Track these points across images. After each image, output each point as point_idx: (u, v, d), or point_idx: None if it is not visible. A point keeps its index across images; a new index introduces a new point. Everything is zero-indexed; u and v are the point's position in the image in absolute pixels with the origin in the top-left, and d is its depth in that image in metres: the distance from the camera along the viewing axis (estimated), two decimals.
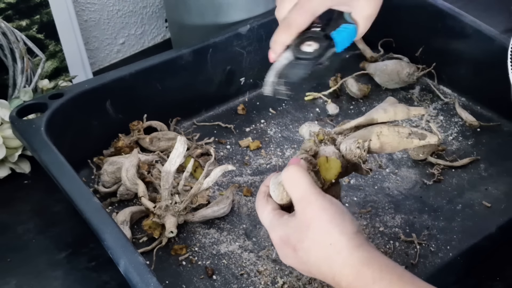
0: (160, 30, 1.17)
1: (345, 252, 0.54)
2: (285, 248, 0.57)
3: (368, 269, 0.53)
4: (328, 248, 0.54)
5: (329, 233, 0.54)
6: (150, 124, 0.88)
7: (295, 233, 0.56)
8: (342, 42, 0.65)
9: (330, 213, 0.55)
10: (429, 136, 0.64)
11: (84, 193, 0.68)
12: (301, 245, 0.55)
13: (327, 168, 0.62)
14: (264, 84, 0.65)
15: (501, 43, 0.87)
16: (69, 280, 0.72)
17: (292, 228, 0.56)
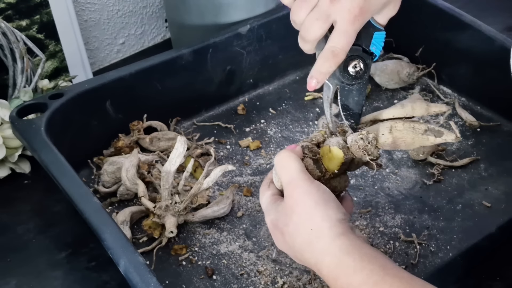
0: (160, 30, 1.17)
1: (326, 239, 0.53)
2: (275, 231, 0.57)
3: (349, 258, 0.52)
4: (309, 233, 0.54)
5: (311, 219, 0.54)
6: (150, 124, 0.88)
7: (281, 216, 0.56)
8: (378, 51, 0.63)
9: (314, 198, 0.55)
10: (446, 133, 0.61)
11: (84, 193, 0.68)
12: (286, 229, 0.55)
13: (329, 158, 0.61)
14: (323, 119, 0.64)
15: (501, 43, 0.88)
16: (69, 280, 0.72)
17: (279, 212, 0.57)
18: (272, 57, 0.99)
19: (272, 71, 1.00)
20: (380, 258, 0.52)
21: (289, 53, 1.00)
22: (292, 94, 0.99)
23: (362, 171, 0.85)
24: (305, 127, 0.93)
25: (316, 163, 0.61)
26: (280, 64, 1.01)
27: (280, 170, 0.58)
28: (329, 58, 0.58)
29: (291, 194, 0.56)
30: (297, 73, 1.03)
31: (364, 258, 0.52)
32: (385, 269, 0.51)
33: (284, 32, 0.98)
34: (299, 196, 0.56)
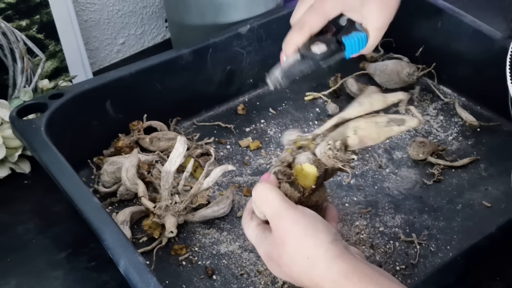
0: (160, 30, 1.17)
1: (323, 265, 0.53)
2: (270, 262, 0.57)
3: (347, 281, 0.52)
4: (305, 262, 0.54)
5: (304, 247, 0.54)
6: (150, 124, 0.88)
7: (274, 249, 0.56)
8: (351, 48, 0.66)
9: (303, 226, 0.55)
10: (409, 120, 0.61)
11: (84, 193, 0.68)
12: (282, 261, 0.55)
13: (304, 175, 0.61)
14: (268, 76, 0.66)
15: (501, 43, 0.87)
16: (69, 280, 0.72)
17: (271, 244, 0.56)
18: (272, 57, 0.98)
19: None
20: (377, 277, 0.52)
21: None
22: (292, 94, 0.99)
23: (362, 171, 0.85)
24: (305, 127, 0.93)
25: (293, 185, 0.61)
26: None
27: (261, 205, 0.58)
28: (296, 30, 0.66)
29: (278, 227, 0.56)
30: None
31: (362, 280, 0.52)
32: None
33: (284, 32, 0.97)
34: (287, 227, 0.55)
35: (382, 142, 0.81)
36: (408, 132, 0.91)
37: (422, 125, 0.62)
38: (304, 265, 0.54)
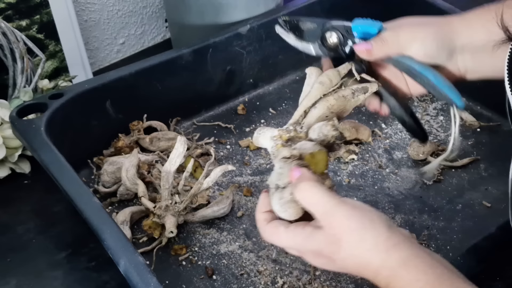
0: (160, 30, 1.17)
1: (383, 254, 0.53)
2: (320, 259, 0.56)
3: (405, 270, 0.52)
4: (365, 254, 0.53)
5: (364, 240, 0.53)
6: (150, 124, 0.88)
7: (327, 246, 0.55)
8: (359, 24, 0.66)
9: (358, 220, 0.54)
10: (370, 86, 0.65)
11: (84, 193, 0.68)
12: (337, 256, 0.54)
13: (316, 162, 0.60)
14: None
15: None
16: (69, 280, 0.72)
17: (322, 242, 0.55)
18: (272, 57, 0.99)
19: (272, 71, 1.00)
20: (436, 267, 0.52)
21: (289, 53, 1.00)
22: (292, 94, 0.99)
23: (362, 171, 0.85)
24: None
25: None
26: (280, 64, 1.01)
27: (309, 206, 0.56)
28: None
29: (331, 225, 0.54)
30: (297, 73, 1.03)
31: (420, 268, 0.52)
32: (440, 279, 0.51)
33: None
34: (342, 223, 0.54)
35: (414, 149, 0.86)
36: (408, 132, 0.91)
37: (380, 85, 0.65)
38: (364, 257, 0.53)
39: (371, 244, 0.53)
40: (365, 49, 0.64)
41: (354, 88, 0.65)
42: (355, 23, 0.66)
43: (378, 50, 0.64)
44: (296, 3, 0.99)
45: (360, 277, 0.70)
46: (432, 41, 0.64)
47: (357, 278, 0.71)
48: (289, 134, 0.63)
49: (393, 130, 0.92)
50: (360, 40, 0.65)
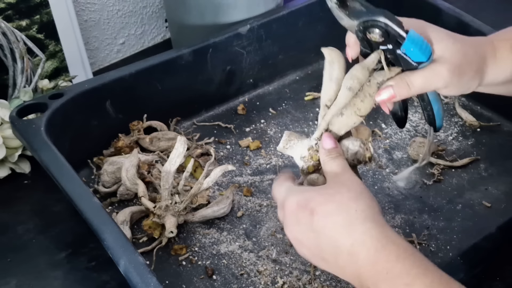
0: (160, 30, 1.17)
1: (370, 223, 0.52)
2: (299, 212, 0.54)
3: (393, 246, 0.51)
4: (352, 213, 0.52)
5: (357, 201, 0.53)
6: (150, 124, 0.88)
7: (319, 196, 0.54)
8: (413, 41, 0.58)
9: (363, 186, 0.55)
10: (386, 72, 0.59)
11: (84, 193, 0.68)
12: (322, 208, 0.53)
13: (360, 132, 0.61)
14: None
15: None
16: (69, 280, 0.72)
17: (316, 192, 0.55)
18: (272, 57, 0.99)
19: (272, 71, 1.00)
20: (420, 255, 0.52)
21: (289, 53, 1.00)
22: (292, 94, 0.99)
23: (361, 171, 0.85)
24: (305, 127, 0.93)
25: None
26: (280, 64, 1.01)
27: (329, 160, 0.57)
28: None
29: (337, 179, 0.56)
30: (297, 73, 1.03)
31: (408, 249, 0.51)
32: (426, 265, 0.51)
33: (284, 32, 0.98)
34: (348, 181, 0.55)
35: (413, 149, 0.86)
36: (408, 132, 0.91)
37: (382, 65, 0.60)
38: (349, 216, 0.52)
39: (361, 208, 0.53)
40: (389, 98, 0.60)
41: (380, 82, 0.59)
42: (408, 43, 0.58)
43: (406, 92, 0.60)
44: (296, 3, 0.99)
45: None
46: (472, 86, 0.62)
47: None
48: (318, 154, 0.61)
49: (393, 130, 0.92)
50: (405, 55, 0.58)
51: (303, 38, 1.01)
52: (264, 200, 0.81)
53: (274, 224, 0.78)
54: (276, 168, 0.85)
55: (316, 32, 1.02)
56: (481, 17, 0.93)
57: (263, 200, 0.81)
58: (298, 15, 0.99)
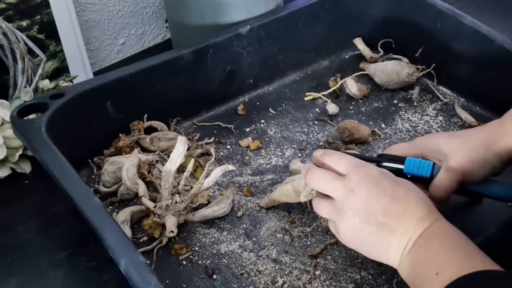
0: (161, 31, 1.17)
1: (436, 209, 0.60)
2: (383, 179, 0.60)
3: (452, 231, 0.57)
4: (424, 197, 0.60)
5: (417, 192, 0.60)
6: (151, 124, 0.88)
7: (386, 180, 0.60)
8: (411, 165, 0.70)
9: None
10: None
11: (84, 192, 0.68)
12: (404, 183, 0.60)
13: None
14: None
15: (500, 43, 0.88)
16: (69, 279, 0.72)
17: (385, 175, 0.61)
18: (272, 57, 0.99)
19: (272, 71, 1.00)
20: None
21: (289, 53, 1.01)
22: (292, 94, 0.99)
23: None
24: (305, 127, 0.93)
25: None
26: (280, 64, 1.01)
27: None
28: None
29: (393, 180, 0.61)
30: (297, 73, 1.03)
31: (464, 237, 0.57)
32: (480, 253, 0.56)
33: (284, 32, 0.98)
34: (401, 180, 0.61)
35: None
36: (407, 132, 0.91)
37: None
38: (425, 197, 0.60)
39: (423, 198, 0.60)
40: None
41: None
42: (406, 167, 0.70)
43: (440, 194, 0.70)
44: (296, 3, 1.00)
45: (360, 277, 0.71)
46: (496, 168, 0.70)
47: (357, 278, 0.71)
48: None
49: (392, 130, 0.92)
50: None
51: (303, 38, 1.01)
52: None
53: (274, 224, 0.78)
54: (276, 168, 0.86)
55: (316, 32, 1.02)
56: (481, 18, 0.93)
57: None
58: (298, 15, 0.99)
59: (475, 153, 0.68)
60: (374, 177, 0.60)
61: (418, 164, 0.69)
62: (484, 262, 0.54)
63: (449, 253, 0.54)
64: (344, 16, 1.04)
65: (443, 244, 0.56)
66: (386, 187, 0.59)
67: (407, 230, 0.57)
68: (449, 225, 0.58)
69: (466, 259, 0.54)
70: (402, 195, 0.58)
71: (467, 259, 0.54)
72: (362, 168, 0.60)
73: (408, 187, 0.60)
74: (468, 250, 0.55)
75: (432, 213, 0.58)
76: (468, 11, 0.95)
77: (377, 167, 0.62)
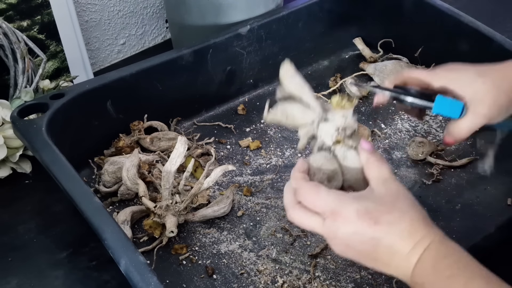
0: (161, 31, 1.17)
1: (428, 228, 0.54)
2: (360, 222, 0.54)
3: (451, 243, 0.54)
4: (415, 220, 0.54)
5: (414, 207, 0.55)
6: (151, 124, 0.88)
7: (380, 205, 0.55)
8: (440, 106, 0.65)
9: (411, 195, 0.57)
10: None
11: (85, 193, 0.68)
12: (387, 217, 0.54)
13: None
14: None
15: (499, 43, 0.88)
16: (70, 279, 0.73)
17: (375, 200, 0.55)
18: (272, 57, 0.99)
19: (272, 71, 1.00)
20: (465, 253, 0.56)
21: (289, 53, 1.00)
22: None
23: None
24: None
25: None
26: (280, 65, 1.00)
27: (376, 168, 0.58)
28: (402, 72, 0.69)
29: (391, 187, 0.56)
30: None
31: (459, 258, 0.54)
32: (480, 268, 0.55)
33: (284, 32, 0.98)
34: (400, 189, 0.56)
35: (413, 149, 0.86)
36: (407, 132, 0.92)
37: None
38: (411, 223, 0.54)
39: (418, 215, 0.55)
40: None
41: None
42: (436, 110, 0.65)
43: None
44: (296, 3, 1.00)
45: (360, 277, 0.71)
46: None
47: (356, 277, 0.71)
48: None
49: (392, 130, 0.92)
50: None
51: (303, 38, 1.01)
52: (264, 199, 0.81)
53: (274, 223, 0.78)
54: (276, 168, 0.86)
55: (316, 32, 1.03)
56: (481, 18, 0.93)
57: (263, 199, 0.81)
58: (298, 15, 0.99)
59: (505, 97, 0.64)
60: (351, 223, 0.54)
61: (449, 105, 0.65)
62: (488, 284, 0.52)
63: (448, 286, 0.52)
64: (344, 16, 1.04)
65: (438, 277, 0.53)
66: (366, 232, 0.54)
67: (399, 267, 0.54)
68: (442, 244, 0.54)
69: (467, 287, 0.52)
70: (384, 234, 0.54)
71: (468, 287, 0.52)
72: (337, 216, 0.55)
73: (392, 217, 0.54)
74: (468, 274, 0.53)
75: (422, 239, 0.53)
76: (468, 11, 0.95)
77: (353, 208, 0.55)
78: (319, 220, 0.56)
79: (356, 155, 0.60)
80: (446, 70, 0.67)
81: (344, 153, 0.60)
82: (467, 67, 0.68)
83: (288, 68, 0.66)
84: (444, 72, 0.67)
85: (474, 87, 0.65)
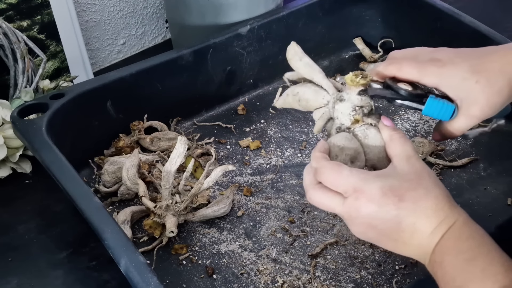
0: (161, 31, 1.17)
1: (453, 207, 0.54)
2: (384, 199, 0.53)
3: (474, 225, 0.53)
4: (440, 198, 0.54)
5: (438, 185, 0.54)
6: (151, 124, 0.89)
7: (405, 182, 0.54)
8: (430, 108, 0.62)
9: (433, 173, 0.56)
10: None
11: (85, 192, 0.68)
12: (412, 194, 0.53)
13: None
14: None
15: (499, 43, 0.88)
16: (70, 279, 0.73)
17: (400, 178, 0.54)
18: (272, 57, 0.99)
19: (272, 71, 1.00)
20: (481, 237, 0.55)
21: None
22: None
23: None
24: (305, 127, 0.93)
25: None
26: (280, 64, 1.00)
27: (402, 145, 0.57)
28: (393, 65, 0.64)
29: (415, 165, 0.55)
30: None
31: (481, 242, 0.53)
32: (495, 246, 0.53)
33: (284, 32, 0.98)
34: (424, 166, 0.56)
35: None
36: (407, 132, 0.92)
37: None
38: (435, 201, 0.53)
39: (441, 192, 0.54)
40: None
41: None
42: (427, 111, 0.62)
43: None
44: (296, 3, 1.00)
45: (360, 277, 0.71)
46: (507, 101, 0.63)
47: (356, 277, 0.71)
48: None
49: None
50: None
51: (303, 38, 1.01)
52: (264, 199, 0.81)
53: (274, 223, 0.78)
54: (276, 168, 0.86)
55: (316, 32, 1.03)
56: (481, 18, 0.93)
57: (263, 199, 0.81)
58: (298, 15, 0.99)
59: (498, 96, 0.61)
60: (374, 201, 0.53)
61: (439, 108, 0.62)
62: (507, 272, 0.50)
63: (466, 268, 0.51)
64: (344, 16, 1.04)
65: (457, 258, 0.52)
66: (390, 210, 0.53)
67: (420, 246, 0.54)
68: (465, 225, 0.54)
69: (484, 273, 0.50)
70: (408, 211, 0.53)
71: (485, 273, 0.50)
72: (360, 194, 0.54)
73: (417, 194, 0.53)
74: (488, 260, 0.51)
75: (446, 218, 0.53)
76: (468, 11, 0.95)
77: (377, 185, 0.54)
78: (340, 200, 0.55)
79: (378, 132, 0.58)
80: (437, 65, 0.62)
81: (365, 131, 0.58)
82: (459, 60, 0.62)
83: (296, 50, 0.63)
84: (435, 68, 0.62)
85: (466, 87, 0.61)
